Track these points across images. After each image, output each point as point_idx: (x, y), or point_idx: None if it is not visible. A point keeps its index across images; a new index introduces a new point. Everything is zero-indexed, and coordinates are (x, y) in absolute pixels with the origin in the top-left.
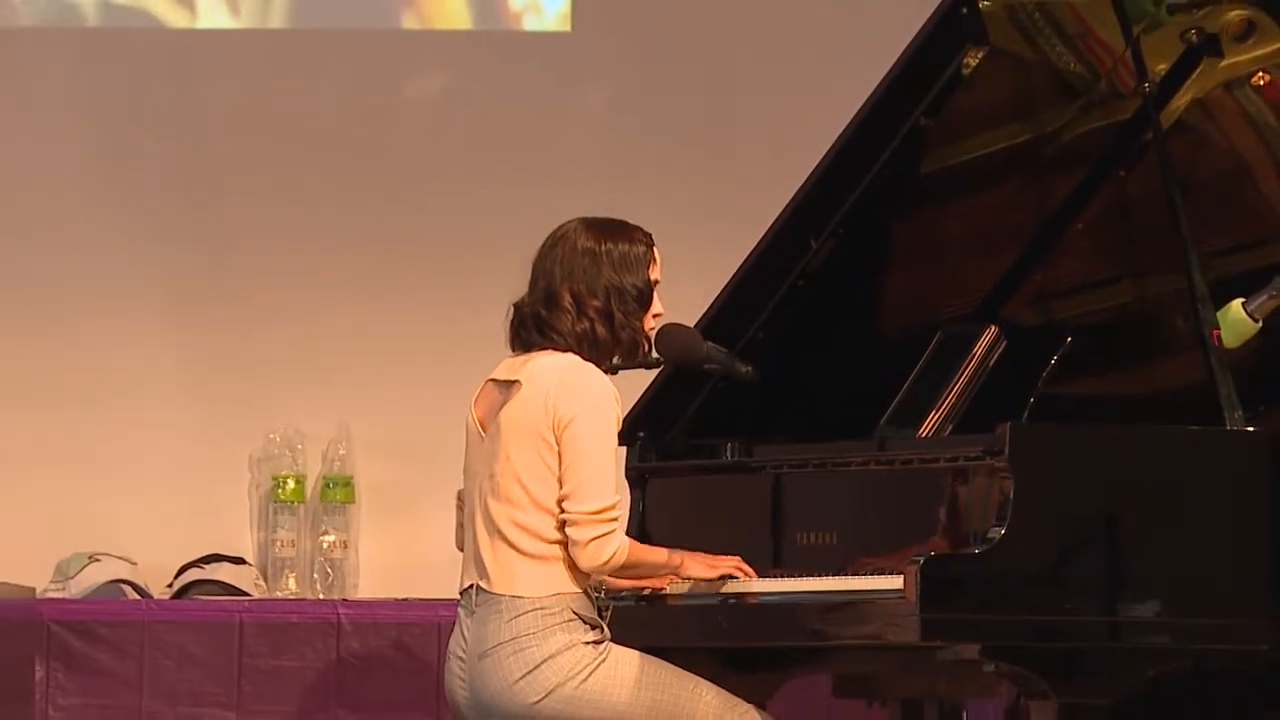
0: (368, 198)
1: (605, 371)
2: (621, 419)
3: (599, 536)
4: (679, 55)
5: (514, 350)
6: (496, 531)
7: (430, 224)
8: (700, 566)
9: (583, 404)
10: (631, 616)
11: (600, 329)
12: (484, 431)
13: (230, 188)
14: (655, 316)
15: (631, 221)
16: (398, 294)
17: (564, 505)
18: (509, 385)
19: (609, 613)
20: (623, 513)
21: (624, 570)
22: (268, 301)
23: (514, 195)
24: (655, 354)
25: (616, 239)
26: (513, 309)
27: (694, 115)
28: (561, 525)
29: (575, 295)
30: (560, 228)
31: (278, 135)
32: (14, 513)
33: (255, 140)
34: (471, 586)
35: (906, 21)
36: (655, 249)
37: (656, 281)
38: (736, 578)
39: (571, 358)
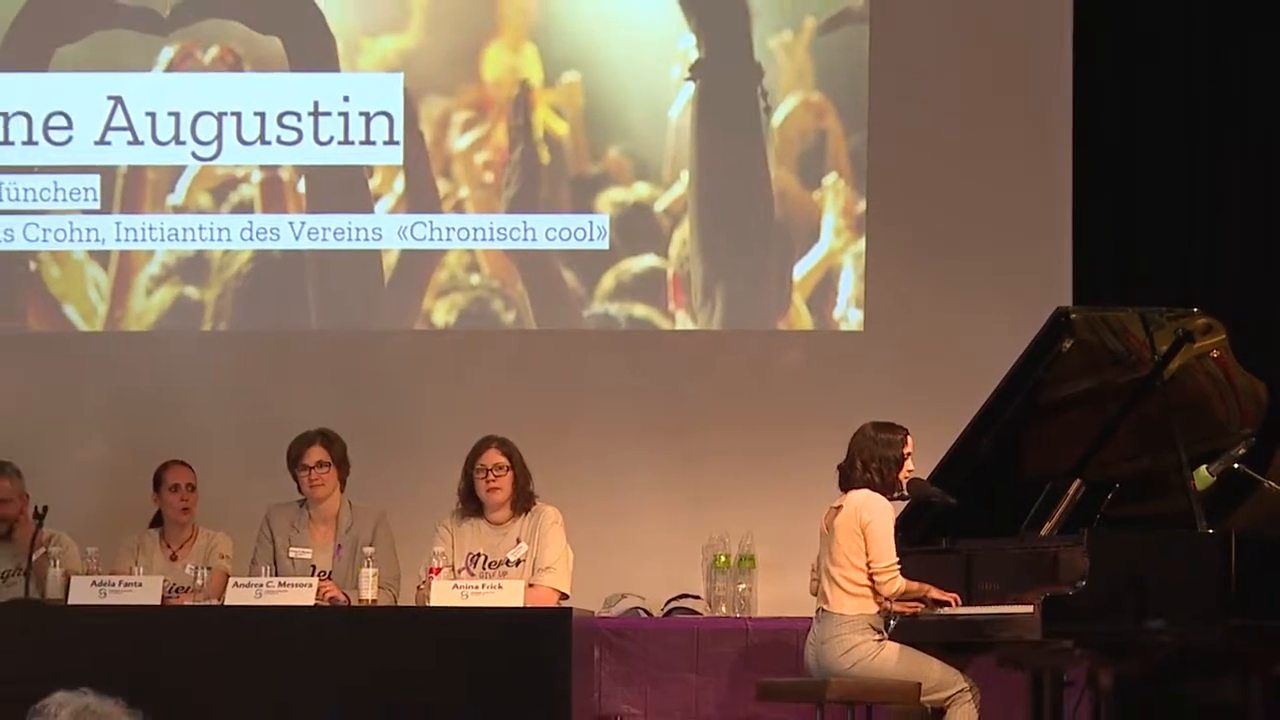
0: (760, 425)
1: (887, 499)
2: (894, 522)
3: (891, 578)
4: (925, 353)
5: (841, 489)
6: (832, 579)
7: (795, 437)
8: (939, 593)
9: (875, 515)
10: (900, 625)
11: (878, 479)
12: (827, 530)
13: (691, 411)
14: (908, 472)
15: (899, 423)
16: (781, 462)
17: (870, 564)
18: (838, 508)
19: (890, 623)
20: (898, 567)
21: (904, 595)
22: (714, 467)
23: (832, 419)
24: (907, 492)
25: (887, 433)
26: (838, 469)
27: (929, 381)
28: (869, 576)
29: (864, 461)
30: (861, 427)
31: (719, 389)
32: (586, 573)
33: (709, 392)
34: (819, 608)
35: (1031, 325)
36: (909, 438)
37: (908, 454)
38: (952, 604)
39: (868, 492)
